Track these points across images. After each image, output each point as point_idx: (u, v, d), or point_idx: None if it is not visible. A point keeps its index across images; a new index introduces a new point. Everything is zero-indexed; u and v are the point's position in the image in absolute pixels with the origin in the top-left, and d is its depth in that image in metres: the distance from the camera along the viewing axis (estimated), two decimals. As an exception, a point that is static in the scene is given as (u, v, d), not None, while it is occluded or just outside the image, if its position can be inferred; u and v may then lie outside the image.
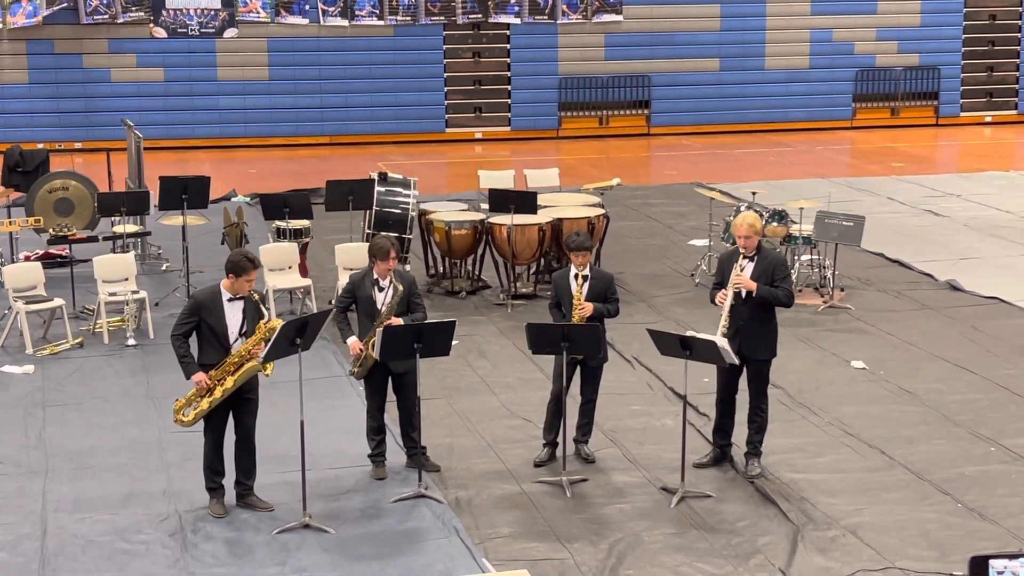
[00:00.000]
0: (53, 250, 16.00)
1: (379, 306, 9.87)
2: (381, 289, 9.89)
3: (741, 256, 9.95)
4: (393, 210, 15.07)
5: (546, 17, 27.19)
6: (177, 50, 25.93)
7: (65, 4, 25.07)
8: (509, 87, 27.53)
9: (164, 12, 25.71)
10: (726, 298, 9.87)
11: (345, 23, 26.41)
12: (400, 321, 9.74)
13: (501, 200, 14.89)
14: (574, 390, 10.25)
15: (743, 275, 9.87)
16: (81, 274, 14.80)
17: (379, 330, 9.52)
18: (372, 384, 10.03)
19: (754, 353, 9.88)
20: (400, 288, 9.85)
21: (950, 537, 8.99)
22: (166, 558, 8.74)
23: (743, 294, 9.87)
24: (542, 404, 10.49)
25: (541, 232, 14.81)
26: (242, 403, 9.34)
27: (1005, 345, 13.25)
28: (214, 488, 9.44)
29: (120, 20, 25.62)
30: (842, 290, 15.05)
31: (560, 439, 10.04)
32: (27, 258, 15.61)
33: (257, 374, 9.25)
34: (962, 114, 29.28)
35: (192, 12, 25.83)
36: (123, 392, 12.02)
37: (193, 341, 9.31)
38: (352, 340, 9.95)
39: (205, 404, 9.22)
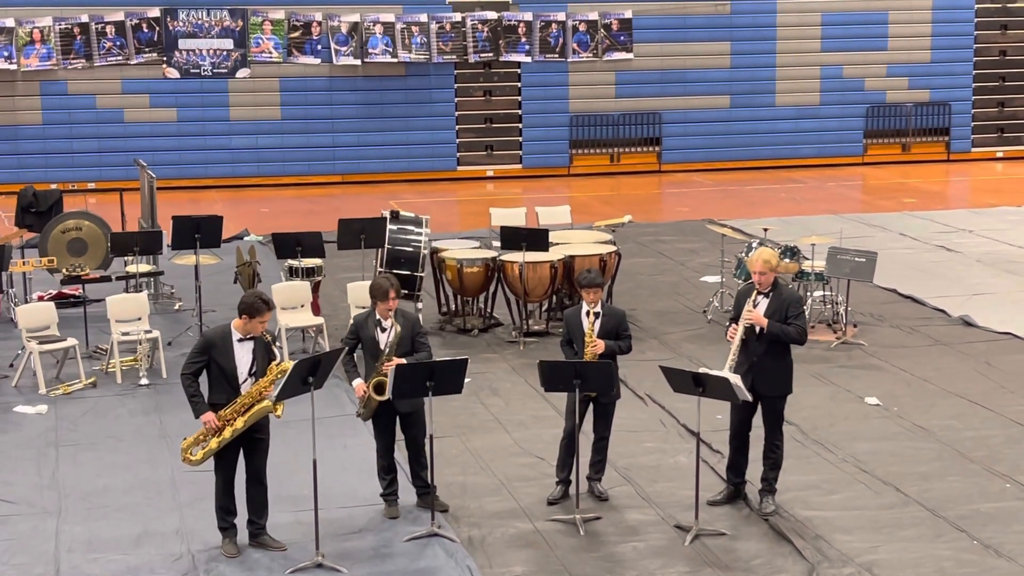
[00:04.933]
0: (66, 290, 16.04)
1: (382, 347, 9.86)
2: (384, 329, 9.88)
3: (756, 292, 9.95)
4: (405, 248, 15.10)
5: (557, 55, 27.30)
6: (190, 90, 26.07)
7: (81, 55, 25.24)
8: (520, 125, 27.62)
9: (177, 53, 25.87)
10: (736, 333, 9.87)
11: (357, 62, 26.53)
12: (402, 361, 9.71)
13: (513, 237, 14.92)
14: (587, 428, 10.23)
15: (755, 311, 9.87)
16: (94, 314, 14.83)
17: (390, 369, 9.51)
18: (379, 424, 10.03)
19: (768, 390, 9.86)
20: (398, 328, 9.83)
21: (966, 574, 8.93)
22: (179, 598, 8.74)
23: (756, 330, 9.86)
24: (555, 442, 10.46)
25: (553, 269, 14.82)
26: (252, 443, 9.33)
27: (1019, 380, 13.20)
28: (226, 528, 9.42)
29: (133, 61, 25.77)
30: (855, 326, 15.02)
31: (573, 477, 10.01)
32: (40, 298, 15.64)
33: (268, 414, 9.25)
34: (973, 149, 29.30)
35: (205, 53, 25.99)
36: (136, 431, 12.02)
37: (203, 380, 9.32)
38: (357, 382, 9.94)
39: (214, 443, 9.22)
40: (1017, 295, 16.70)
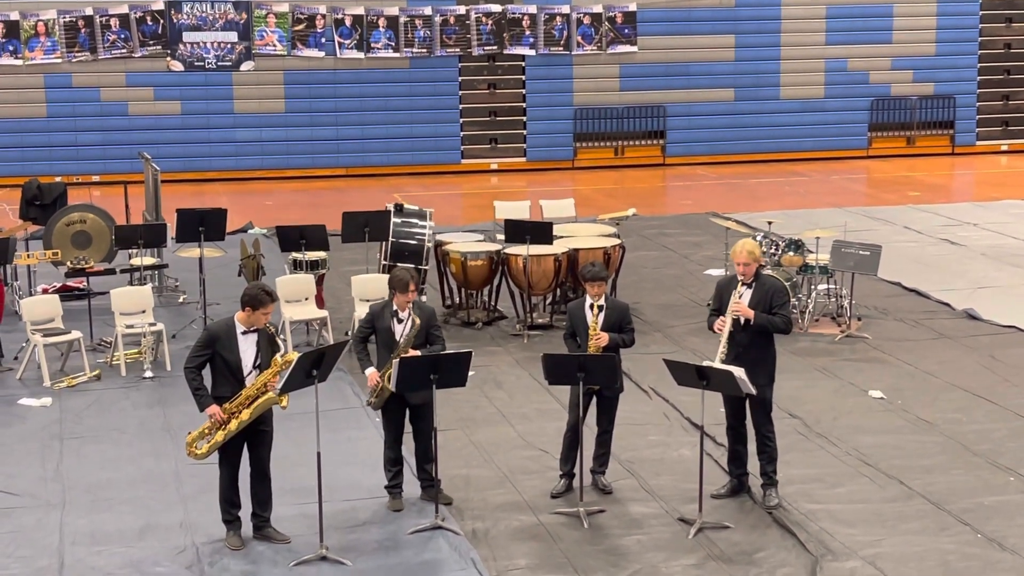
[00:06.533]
0: (71, 283, 16.05)
1: (397, 337, 9.87)
2: (400, 321, 9.90)
3: (740, 283, 9.96)
4: (409, 241, 15.10)
5: (561, 48, 27.29)
6: (194, 83, 26.08)
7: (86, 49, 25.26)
8: (524, 118, 27.60)
9: (181, 46, 25.87)
10: (724, 325, 9.88)
11: (361, 55, 26.53)
12: (417, 353, 9.73)
13: (517, 231, 14.91)
14: (590, 421, 10.24)
15: (741, 303, 9.88)
16: (98, 307, 14.84)
17: (395, 361, 9.52)
18: (389, 415, 10.03)
19: (754, 380, 9.81)
20: (418, 321, 9.85)
21: (970, 568, 8.93)
22: (183, 591, 8.75)
23: (741, 321, 9.87)
24: (559, 435, 10.47)
25: (557, 262, 14.81)
26: (256, 435, 9.34)
27: (1023, 374, 13.19)
28: (231, 520, 9.43)
29: (137, 54, 25.78)
30: (859, 319, 15.02)
31: (577, 470, 10.02)
32: (45, 291, 15.67)
33: (272, 407, 9.26)
34: (978, 143, 29.28)
35: (209, 45, 25.99)
36: (140, 424, 12.03)
37: (207, 373, 9.32)
38: (370, 371, 9.96)
39: (220, 436, 9.22)
40: (1021, 289, 16.68)
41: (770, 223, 16.28)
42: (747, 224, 18.49)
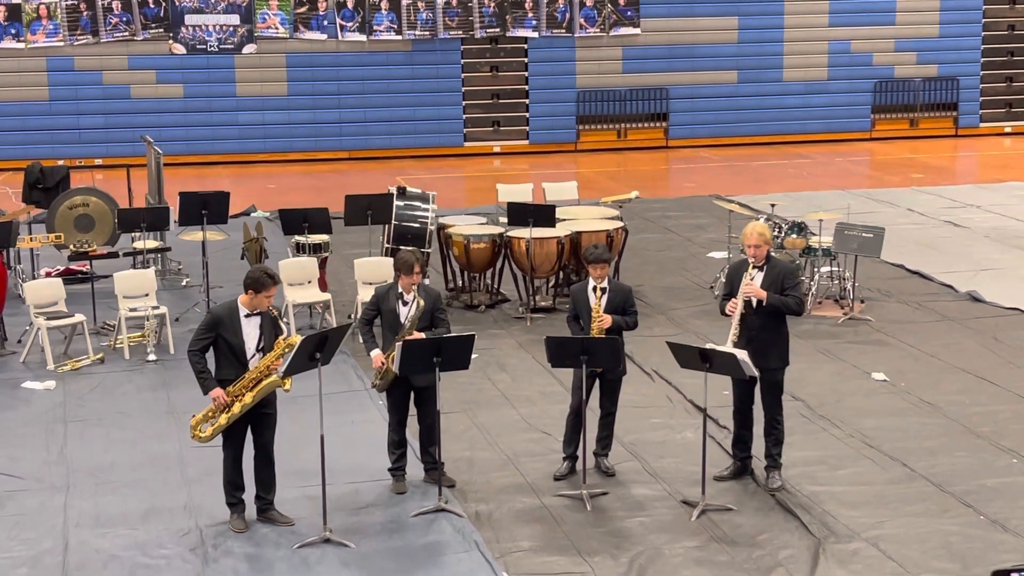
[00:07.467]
0: (74, 266, 16.06)
1: (402, 320, 9.88)
2: (405, 303, 9.90)
3: (751, 266, 9.95)
4: (412, 224, 15.10)
5: (564, 31, 27.24)
6: (196, 66, 26.06)
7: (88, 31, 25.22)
8: (527, 101, 27.57)
9: (183, 29, 25.84)
10: (736, 307, 9.88)
11: (363, 38, 26.49)
12: (421, 335, 9.74)
13: (519, 213, 14.91)
14: (593, 403, 10.24)
15: (753, 284, 9.87)
16: (102, 290, 14.85)
17: (399, 344, 9.53)
18: (394, 398, 10.04)
19: (766, 362, 9.83)
20: (422, 303, 9.85)
21: (972, 549, 8.95)
22: (187, 573, 8.76)
23: (753, 303, 9.87)
24: (562, 417, 10.48)
25: (560, 245, 14.81)
26: (260, 418, 9.35)
27: (1027, 356, 13.20)
28: (234, 503, 9.45)
29: (140, 37, 25.75)
30: (862, 302, 15.02)
31: (580, 452, 10.03)
32: (48, 274, 15.67)
33: (275, 389, 9.27)
34: (981, 125, 29.22)
35: (211, 28, 25.96)
36: (144, 407, 12.05)
37: (210, 356, 9.33)
38: (375, 353, 9.96)
39: (223, 419, 9.24)
40: (1025, 270, 16.69)
41: (773, 205, 16.28)
42: (750, 207, 18.49)
